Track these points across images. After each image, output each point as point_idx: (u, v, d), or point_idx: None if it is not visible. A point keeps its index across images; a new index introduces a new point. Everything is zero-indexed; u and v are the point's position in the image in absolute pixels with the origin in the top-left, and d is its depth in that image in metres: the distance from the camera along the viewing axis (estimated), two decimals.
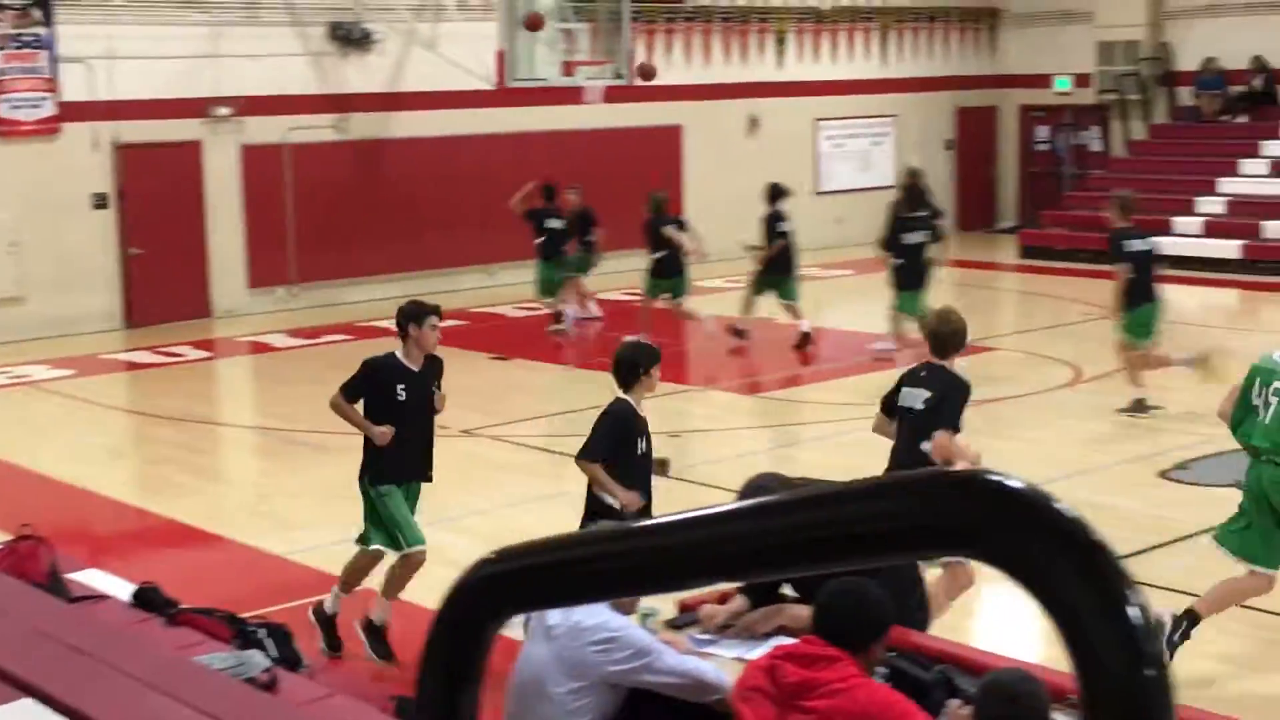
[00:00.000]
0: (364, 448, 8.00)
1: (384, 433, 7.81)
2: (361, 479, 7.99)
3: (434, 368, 8.24)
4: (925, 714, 4.60)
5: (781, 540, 1.09)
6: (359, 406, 8.04)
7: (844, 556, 1.11)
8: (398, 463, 7.93)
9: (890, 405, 7.84)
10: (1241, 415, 7.34)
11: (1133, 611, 0.99)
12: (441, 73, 20.35)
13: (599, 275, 18.88)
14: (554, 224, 17.72)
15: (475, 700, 1.36)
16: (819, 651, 4.50)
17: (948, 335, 7.85)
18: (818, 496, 1.08)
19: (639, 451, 7.39)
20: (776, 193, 16.90)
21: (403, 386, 7.98)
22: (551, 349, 17.35)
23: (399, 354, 8.12)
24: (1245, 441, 7.33)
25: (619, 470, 7.17)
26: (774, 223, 16.68)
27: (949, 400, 7.57)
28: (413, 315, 8.08)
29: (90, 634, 4.67)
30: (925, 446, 7.45)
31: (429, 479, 8.20)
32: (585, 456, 7.35)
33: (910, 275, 15.40)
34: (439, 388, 8.26)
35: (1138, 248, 13.33)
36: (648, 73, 19.37)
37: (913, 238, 15.48)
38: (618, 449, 7.31)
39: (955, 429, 7.56)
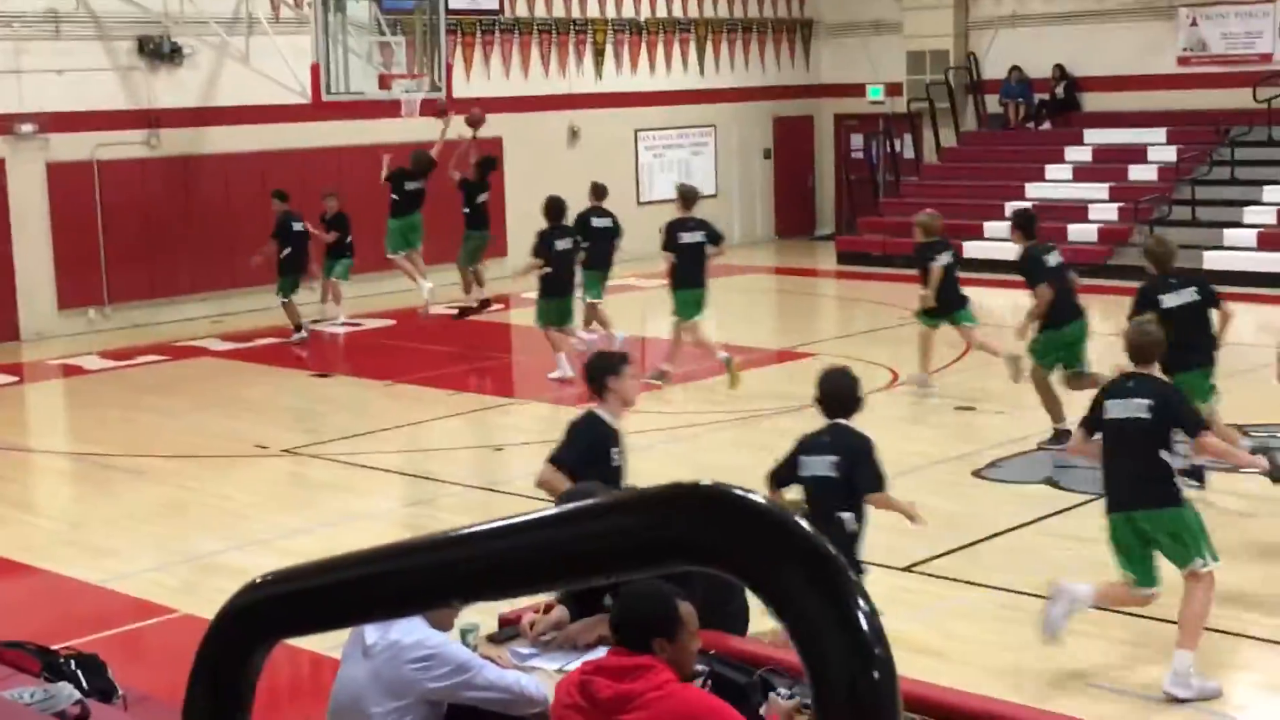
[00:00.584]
0: None
1: None
2: None
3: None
4: (742, 717, 4.61)
5: (538, 556, 1.13)
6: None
7: (597, 570, 1.15)
8: None
9: (786, 479, 7.46)
10: None
11: (860, 618, 1.04)
12: (255, 87, 20.06)
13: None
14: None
15: None
16: (628, 663, 4.46)
17: (842, 395, 7.51)
18: (571, 513, 1.12)
19: (612, 464, 7.23)
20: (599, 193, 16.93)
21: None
22: (366, 363, 17.18)
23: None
24: None
25: (597, 480, 6.75)
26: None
27: (860, 463, 7.23)
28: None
29: None
30: (843, 516, 7.08)
31: None
32: (552, 459, 7.22)
33: (687, 276, 15.12)
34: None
35: (943, 260, 14.25)
36: (476, 121, 19.37)
37: (690, 238, 15.33)
38: (589, 459, 7.13)
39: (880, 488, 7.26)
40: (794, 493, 7.42)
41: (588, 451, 7.23)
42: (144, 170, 19.42)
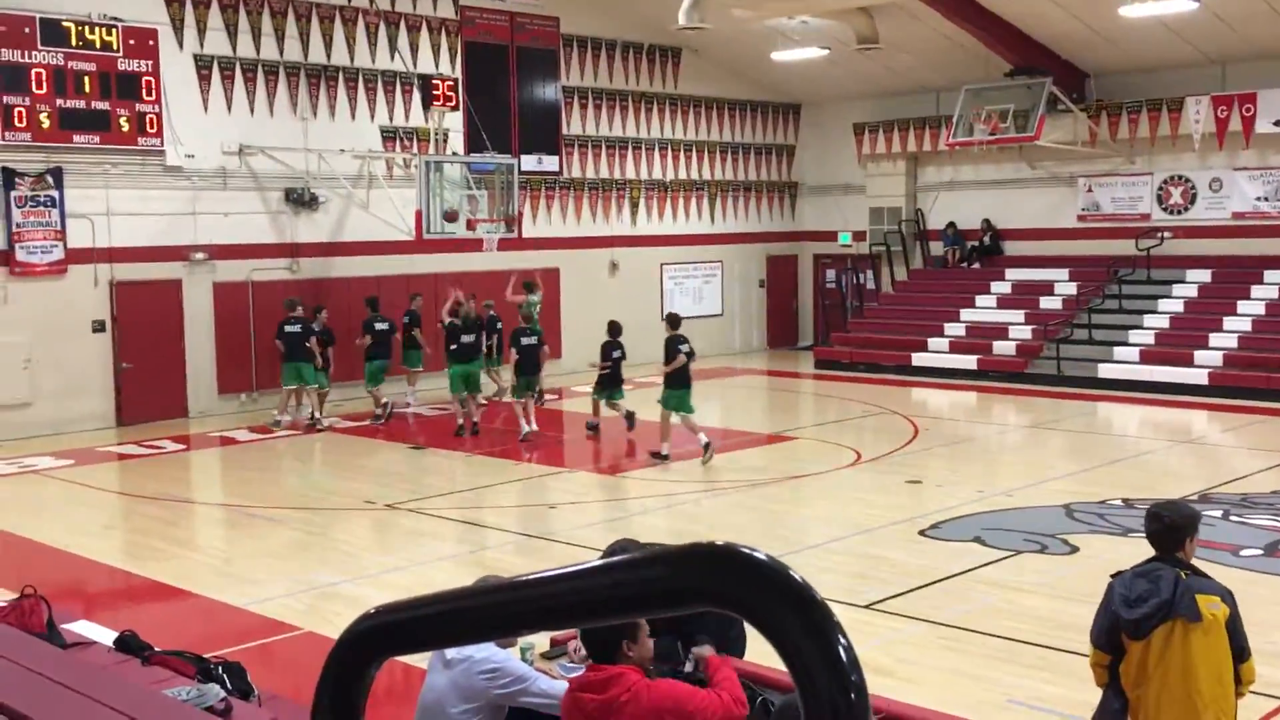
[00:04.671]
0: None
1: None
2: None
3: None
4: (706, 691, 4.29)
5: (589, 597, 1.13)
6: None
7: (634, 610, 1.14)
8: None
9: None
10: None
11: (841, 651, 1.03)
12: (372, 227, 20.30)
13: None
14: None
15: None
16: (603, 675, 4.20)
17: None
18: (615, 564, 1.12)
19: None
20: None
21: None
22: (449, 439, 17.14)
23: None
24: None
25: None
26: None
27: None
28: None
29: (80, 675, 4.49)
30: None
31: None
32: None
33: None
34: None
35: (684, 349, 15.24)
36: (531, 287, 19.50)
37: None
38: None
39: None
40: None
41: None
42: (286, 289, 19.58)
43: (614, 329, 16.93)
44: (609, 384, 17.00)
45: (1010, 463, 15.30)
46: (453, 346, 17.43)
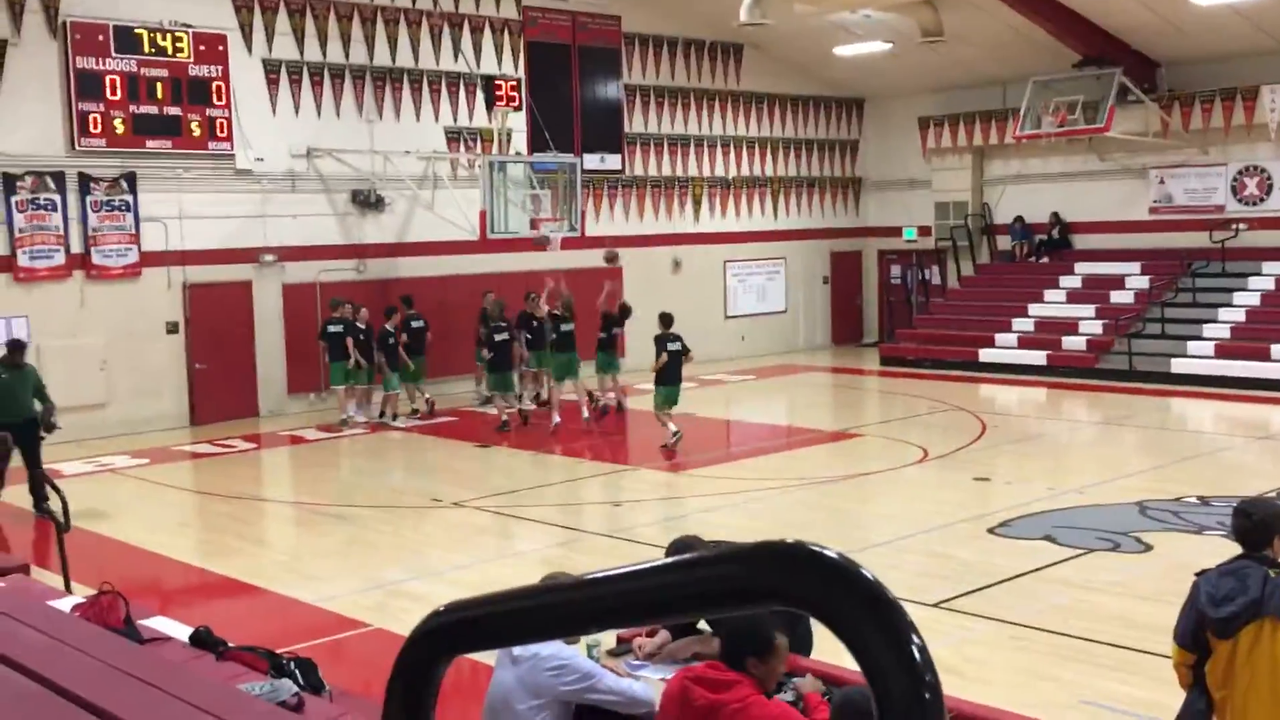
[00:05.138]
0: None
1: None
2: None
3: None
4: None
5: (659, 595, 1.12)
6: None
7: (703, 608, 1.14)
8: None
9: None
10: None
11: (915, 652, 1.01)
12: (437, 227, 20.45)
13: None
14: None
15: None
16: (720, 676, 4.35)
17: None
18: (686, 562, 1.11)
19: None
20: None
21: None
22: (536, 439, 17.25)
23: None
24: None
25: None
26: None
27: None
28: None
29: (157, 669, 4.57)
30: None
31: None
32: None
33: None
34: None
35: (671, 346, 15.61)
36: (612, 257, 19.58)
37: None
38: None
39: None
40: None
41: None
42: (353, 290, 19.78)
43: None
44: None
45: (1081, 459, 15.08)
46: (553, 336, 18.00)
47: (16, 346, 12.90)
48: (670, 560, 1.16)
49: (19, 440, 12.23)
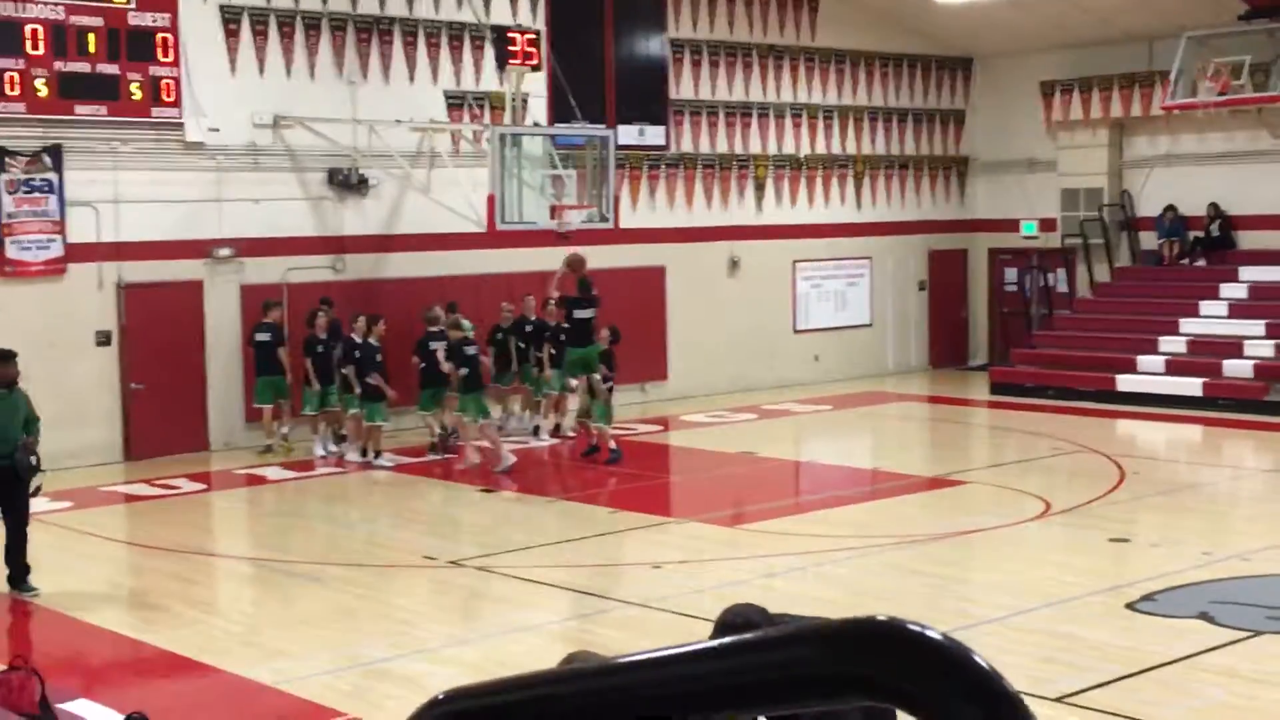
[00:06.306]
0: None
1: None
2: None
3: None
4: None
5: (702, 685, 1.10)
6: None
7: (766, 703, 1.12)
8: None
9: None
10: None
11: None
12: (434, 215, 20.56)
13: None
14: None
15: None
16: None
17: None
18: (742, 643, 1.10)
19: None
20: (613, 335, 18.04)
21: None
22: (528, 479, 17.28)
23: None
24: None
25: None
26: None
27: None
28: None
29: None
30: None
31: None
32: None
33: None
34: None
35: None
36: (576, 264, 19.49)
37: (583, 313, 17.90)
38: None
39: None
40: None
41: None
42: (329, 293, 19.85)
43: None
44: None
45: (1246, 517, 14.96)
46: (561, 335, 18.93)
47: (5, 357, 12.53)
48: (724, 641, 1.15)
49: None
